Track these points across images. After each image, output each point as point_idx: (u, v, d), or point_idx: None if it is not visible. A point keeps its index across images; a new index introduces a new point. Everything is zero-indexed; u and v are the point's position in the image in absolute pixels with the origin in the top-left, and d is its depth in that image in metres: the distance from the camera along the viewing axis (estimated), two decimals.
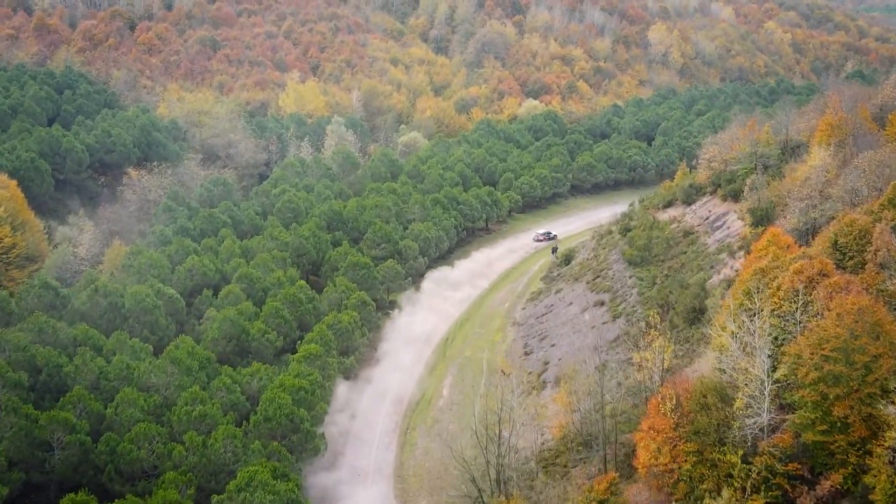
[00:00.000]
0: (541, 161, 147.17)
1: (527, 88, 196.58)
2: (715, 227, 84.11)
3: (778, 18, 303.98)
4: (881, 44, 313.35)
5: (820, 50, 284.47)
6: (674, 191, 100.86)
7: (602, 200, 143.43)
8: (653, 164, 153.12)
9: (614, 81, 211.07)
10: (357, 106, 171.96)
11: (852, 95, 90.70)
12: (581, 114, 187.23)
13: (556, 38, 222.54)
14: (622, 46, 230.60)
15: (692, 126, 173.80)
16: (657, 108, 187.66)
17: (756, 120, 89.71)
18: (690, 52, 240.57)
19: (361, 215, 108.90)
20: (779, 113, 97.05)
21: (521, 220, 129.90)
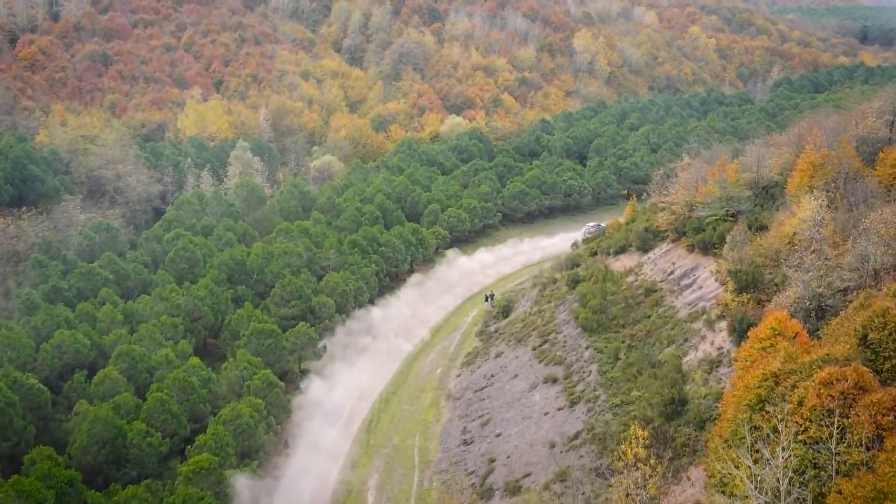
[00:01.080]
0: (468, 188, 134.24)
1: (448, 102, 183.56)
2: (683, 286, 71.86)
3: (701, 23, 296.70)
4: (803, 48, 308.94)
5: (745, 55, 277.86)
6: (627, 235, 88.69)
7: (536, 230, 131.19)
8: (589, 189, 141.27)
9: (540, 93, 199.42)
10: (264, 126, 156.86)
11: (833, 127, 79.36)
12: (508, 130, 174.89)
13: (478, 48, 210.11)
14: (547, 55, 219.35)
15: (627, 143, 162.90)
16: (588, 124, 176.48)
17: (725, 157, 77.51)
18: (617, 60, 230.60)
19: (268, 265, 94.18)
20: (747, 147, 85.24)
21: (449, 258, 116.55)
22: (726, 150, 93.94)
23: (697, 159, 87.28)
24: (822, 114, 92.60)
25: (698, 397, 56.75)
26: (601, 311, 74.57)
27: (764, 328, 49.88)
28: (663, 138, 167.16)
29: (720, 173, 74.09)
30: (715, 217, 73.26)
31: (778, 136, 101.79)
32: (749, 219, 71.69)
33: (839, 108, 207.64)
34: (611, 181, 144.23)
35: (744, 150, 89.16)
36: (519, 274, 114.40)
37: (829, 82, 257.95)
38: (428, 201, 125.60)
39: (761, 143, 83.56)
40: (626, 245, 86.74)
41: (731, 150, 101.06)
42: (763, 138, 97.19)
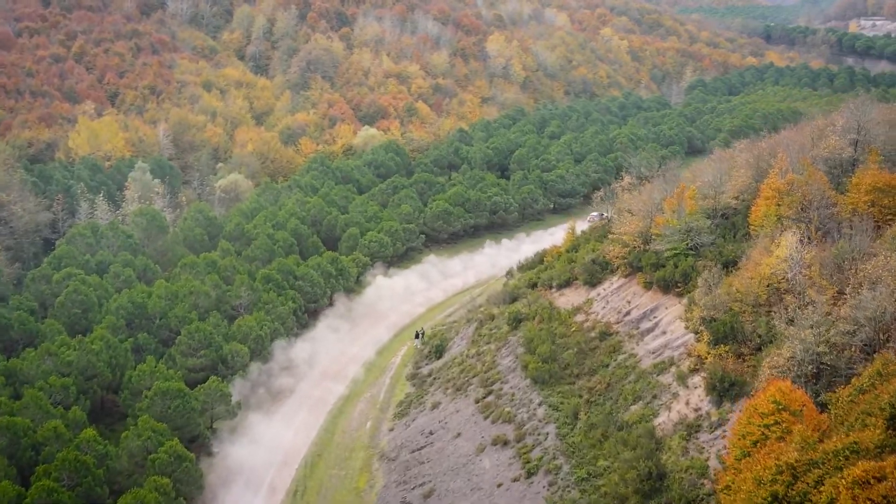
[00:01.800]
0: (388, 208, 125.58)
1: (361, 112, 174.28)
2: (644, 330, 64.43)
3: (612, 24, 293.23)
4: (713, 49, 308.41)
5: (657, 57, 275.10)
6: (571, 266, 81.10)
7: (464, 251, 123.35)
8: (515, 205, 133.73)
9: (455, 100, 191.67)
10: (165, 142, 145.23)
11: (799, 144, 72.80)
12: (424, 141, 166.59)
13: (389, 53, 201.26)
14: (460, 60, 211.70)
15: (549, 153, 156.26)
16: (508, 133, 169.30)
17: (683, 184, 70.33)
18: (532, 64, 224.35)
19: (172, 308, 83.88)
20: (704, 170, 78.34)
21: (372, 287, 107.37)
22: (671, 169, 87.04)
23: (647, 182, 79.68)
24: (785, 132, 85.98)
25: (678, 470, 49.40)
26: (551, 358, 66.77)
27: (764, 400, 42.71)
28: (586, 147, 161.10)
29: (679, 202, 66.98)
30: (675, 251, 66.15)
31: (723, 151, 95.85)
32: (712, 252, 64.77)
33: (756, 110, 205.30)
34: (537, 196, 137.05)
35: (694, 171, 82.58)
36: (450, 302, 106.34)
37: (742, 84, 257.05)
38: (346, 224, 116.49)
39: (716, 164, 76.40)
40: (571, 278, 79.18)
41: (673, 170, 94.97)
42: (711, 156, 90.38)
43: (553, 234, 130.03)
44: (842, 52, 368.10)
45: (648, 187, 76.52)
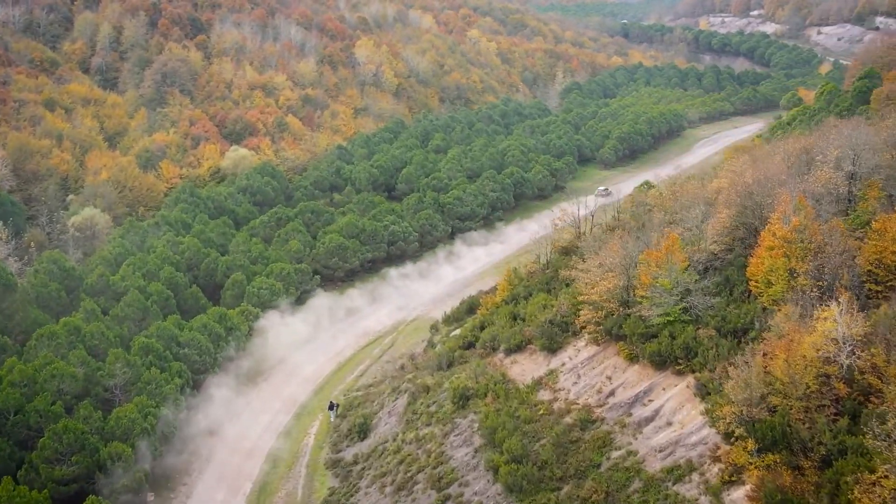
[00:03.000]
0: (274, 245, 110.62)
1: (226, 130, 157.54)
2: (640, 419, 52.53)
3: (478, 25, 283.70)
4: (579, 49, 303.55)
5: (526, 59, 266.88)
6: (520, 327, 68.72)
7: (365, 289, 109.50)
8: (413, 233, 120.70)
9: (328, 112, 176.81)
10: (4, 172, 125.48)
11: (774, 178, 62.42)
12: (301, 160, 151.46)
13: (252, 63, 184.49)
14: (328, 68, 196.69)
15: (440, 170, 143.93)
16: (391, 149, 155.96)
17: (673, 235, 58.63)
18: (403, 71, 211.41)
19: (30, 401, 67.29)
20: (684, 217, 67.18)
21: (266, 341, 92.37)
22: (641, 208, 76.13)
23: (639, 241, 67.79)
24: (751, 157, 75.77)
25: None
26: (523, 455, 54.28)
27: None
28: (477, 162, 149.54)
29: (668, 256, 55.52)
30: (668, 318, 54.69)
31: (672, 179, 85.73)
32: (714, 319, 53.68)
33: (639, 114, 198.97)
34: (435, 221, 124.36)
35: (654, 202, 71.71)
36: (360, 357, 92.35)
37: (615, 85, 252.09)
38: (228, 268, 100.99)
39: (686, 200, 65.54)
40: (524, 341, 66.86)
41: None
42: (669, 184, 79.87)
43: (458, 264, 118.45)
44: (699, 50, 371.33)
45: (619, 235, 64.62)
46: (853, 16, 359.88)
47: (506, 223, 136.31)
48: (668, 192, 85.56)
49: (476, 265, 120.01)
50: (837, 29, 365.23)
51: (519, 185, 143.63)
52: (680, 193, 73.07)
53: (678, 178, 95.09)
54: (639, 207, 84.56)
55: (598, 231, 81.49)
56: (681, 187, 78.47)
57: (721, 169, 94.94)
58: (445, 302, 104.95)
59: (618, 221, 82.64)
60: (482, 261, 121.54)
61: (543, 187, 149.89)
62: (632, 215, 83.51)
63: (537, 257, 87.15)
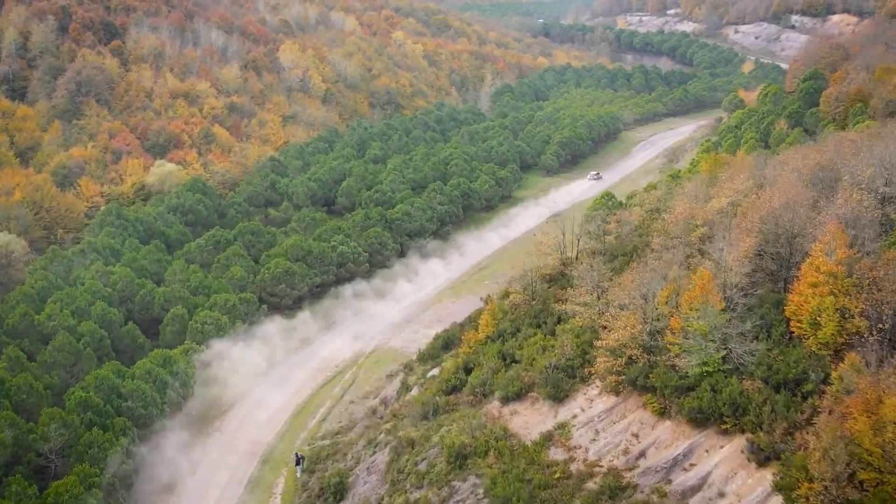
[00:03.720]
0: (214, 271, 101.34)
1: (149, 142, 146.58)
2: (685, 487, 45.37)
3: (402, 27, 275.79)
4: (504, 50, 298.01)
5: (453, 61, 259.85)
6: (517, 373, 61.23)
7: (315, 317, 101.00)
8: (363, 254, 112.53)
9: (255, 121, 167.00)
10: None
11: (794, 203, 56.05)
12: (232, 174, 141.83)
13: (172, 69, 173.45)
14: (253, 74, 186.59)
15: (382, 182, 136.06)
16: (327, 160, 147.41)
17: (706, 271, 51.73)
18: (331, 75, 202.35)
19: None
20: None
21: (214, 386, 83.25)
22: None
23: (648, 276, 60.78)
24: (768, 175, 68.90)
25: None
26: None
27: None
28: (421, 173, 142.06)
29: (703, 296, 48.80)
30: (707, 369, 48.05)
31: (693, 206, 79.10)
32: (760, 369, 47.26)
33: (576, 118, 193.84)
34: (384, 239, 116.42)
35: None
36: (320, 398, 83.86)
37: (546, 87, 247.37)
38: (166, 301, 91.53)
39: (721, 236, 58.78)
40: (523, 388, 59.52)
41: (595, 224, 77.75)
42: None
43: (416, 281, 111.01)
44: (620, 49, 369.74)
45: (637, 270, 57.55)
46: (769, 14, 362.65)
47: (458, 236, 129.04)
48: (649, 211, 79.46)
49: (435, 282, 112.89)
50: (754, 27, 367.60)
51: (466, 197, 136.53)
52: (678, 215, 66.49)
53: (650, 194, 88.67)
54: (623, 227, 77.93)
55: (585, 255, 74.57)
56: (675, 208, 72.05)
57: (693, 179, 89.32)
58: (405, 328, 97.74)
59: (604, 245, 75.84)
60: (441, 277, 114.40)
61: (490, 197, 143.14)
62: (616, 237, 76.89)
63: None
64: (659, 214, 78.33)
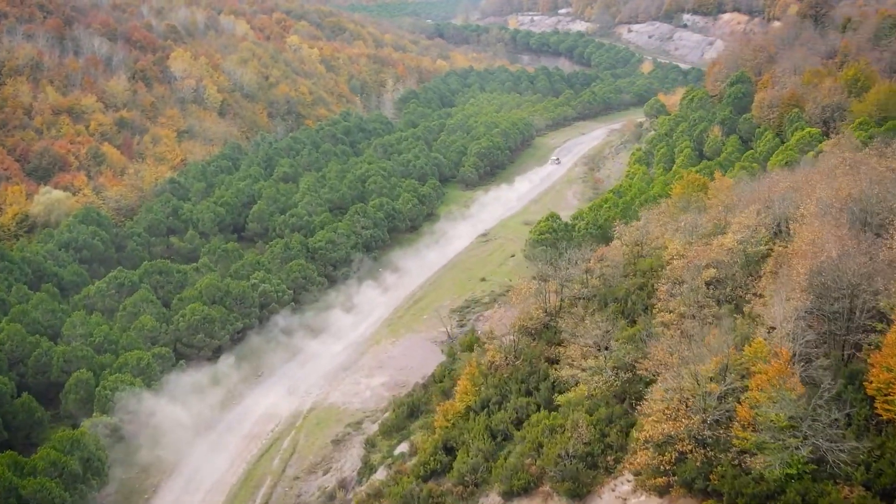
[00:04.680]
0: (119, 320, 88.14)
1: (30, 165, 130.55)
2: None
3: (295, 31, 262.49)
4: (403, 53, 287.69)
5: (351, 66, 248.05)
6: (520, 456, 50.99)
7: (240, 360, 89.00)
8: (288, 292, 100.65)
9: (148, 137, 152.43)
10: None
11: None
12: (129, 200, 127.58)
13: (53, 82, 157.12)
14: (142, 85, 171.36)
15: (296, 205, 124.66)
16: (233, 180, 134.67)
17: (787, 355, 42.46)
18: (227, 85, 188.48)
19: None
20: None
21: (132, 467, 70.66)
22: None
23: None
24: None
25: None
26: None
27: None
28: (337, 192, 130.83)
29: (779, 378, 39.53)
30: (789, 471, 38.83)
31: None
32: (860, 472, 38.34)
33: (491, 125, 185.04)
34: (308, 272, 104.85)
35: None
36: (257, 473, 71.58)
37: (451, 92, 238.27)
38: (67, 361, 78.23)
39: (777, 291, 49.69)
40: (530, 481, 49.34)
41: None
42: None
43: (348, 322, 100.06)
44: (517, 50, 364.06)
45: (673, 340, 47.88)
46: (661, 13, 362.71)
47: (386, 264, 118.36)
48: (631, 246, 70.46)
49: (368, 319, 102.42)
50: (647, 27, 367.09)
51: (391, 218, 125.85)
52: (691, 259, 57.44)
53: (631, 226, 79.34)
54: (611, 270, 68.37)
55: (571, 303, 64.82)
56: (669, 246, 63.11)
57: (667, 203, 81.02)
58: (344, 378, 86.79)
59: (587, 288, 66.20)
60: (374, 312, 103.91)
61: (415, 217, 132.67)
62: (601, 278, 67.41)
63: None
64: (643, 249, 69.40)
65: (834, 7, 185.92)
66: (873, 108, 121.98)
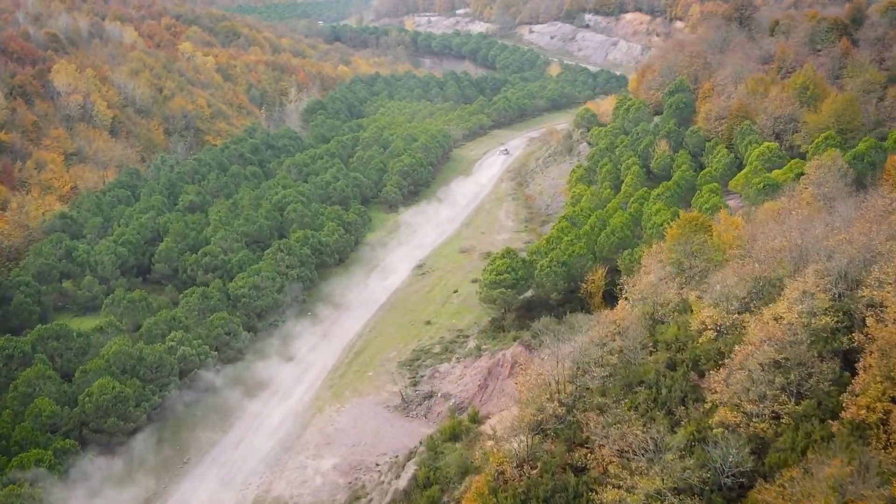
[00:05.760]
0: (11, 403, 72.62)
1: None
2: None
3: (187, 37, 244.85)
4: (302, 59, 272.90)
5: (249, 74, 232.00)
6: None
7: (154, 442, 74.69)
8: (212, 353, 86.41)
9: (31, 162, 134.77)
10: None
11: None
12: (13, 239, 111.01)
13: None
14: (21, 102, 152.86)
15: (211, 240, 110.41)
16: (135, 213, 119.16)
17: None
18: (117, 99, 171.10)
19: None
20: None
21: None
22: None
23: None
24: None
25: None
26: None
27: None
28: (253, 223, 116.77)
29: None
30: None
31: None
32: None
33: (410, 138, 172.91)
34: (233, 326, 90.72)
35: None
36: None
37: (359, 101, 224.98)
38: None
39: None
40: None
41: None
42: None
43: (282, 381, 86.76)
44: (418, 53, 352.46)
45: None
46: (563, 14, 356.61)
47: (317, 307, 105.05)
48: (646, 312, 59.33)
49: (306, 377, 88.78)
50: (549, 27, 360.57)
51: (318, 253, 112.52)
52: (753, 344, 46.49)
53: (639, 282, 67.84)
54: (629, 341, 56.70)
55: (590, 391, 52.92)
56: (700, 313, 52.13)
57: (663, 248, 70.53)
58: (287, 461, 73.60)
59: (603, 366, 54.31)
60: (311, 370, 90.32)
61: (342, 249, 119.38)
62: (619, 353, 55.62)
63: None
64: (658, 311, 58.31)
65: (758, 10, 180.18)
66: (830, 119, 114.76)
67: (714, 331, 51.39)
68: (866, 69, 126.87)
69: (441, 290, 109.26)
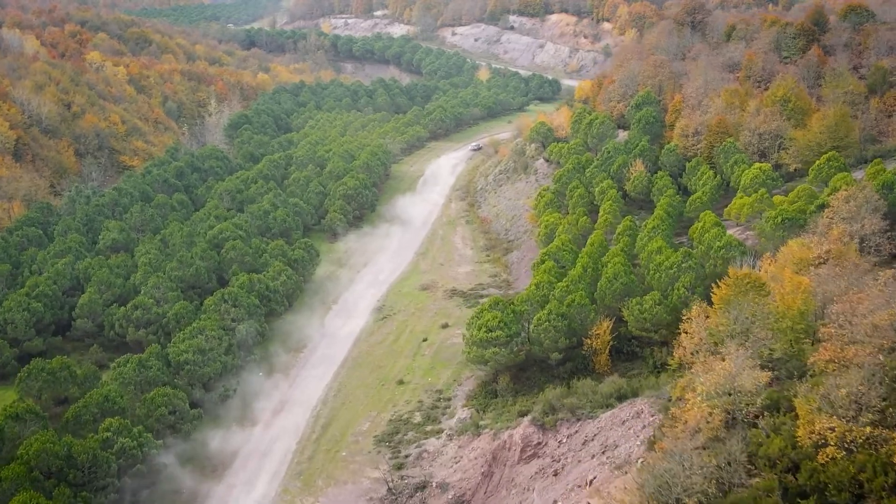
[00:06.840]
0: None
1: None
2: None
3: (94, 45, 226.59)
4: (220, 67, 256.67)
5: (164, 85, 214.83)
6: None
7: None
8: (157, 444, 71.83)
9: None
10: None
11: None
12: None
13: None
14: None
15: (141, 290, 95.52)
16: (49, 258, 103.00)
17: None
18: (20, 119, 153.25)
19: None
20: None
21: None
22: None
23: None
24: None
25: None
26: None
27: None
28: (187, 265, 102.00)
29: None
30: None
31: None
32: None
33: (347, 155, 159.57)
34: (177, 403, 76.15)
35: None
36: None
37: (285, 113, 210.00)
38: None
39: None
40: None
41: None
42: None
43: (239, 469, 72.98)
44: (338, 58, 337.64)
45: None
46: (486, 15, 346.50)
47: (272, 369, 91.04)
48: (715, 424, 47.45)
49: (267, 466, 74.69)
50: (472, 29, 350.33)
51: (266, 301, 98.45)
52: None
53: (708, 381, 55.77)
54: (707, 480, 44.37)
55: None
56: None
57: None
58: None
59: (689, 493, 42.13)
60: (273, 454, 76.37)
61: (290, 293, 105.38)
62: (710, 475, 43.22)
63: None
64: (742, 409, 46.49)
65: (711, 14, 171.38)
66: (823, 136, 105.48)
67: (840, 448, 39.70)
68: (846, 79, 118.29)
69: (409, 339, 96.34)
